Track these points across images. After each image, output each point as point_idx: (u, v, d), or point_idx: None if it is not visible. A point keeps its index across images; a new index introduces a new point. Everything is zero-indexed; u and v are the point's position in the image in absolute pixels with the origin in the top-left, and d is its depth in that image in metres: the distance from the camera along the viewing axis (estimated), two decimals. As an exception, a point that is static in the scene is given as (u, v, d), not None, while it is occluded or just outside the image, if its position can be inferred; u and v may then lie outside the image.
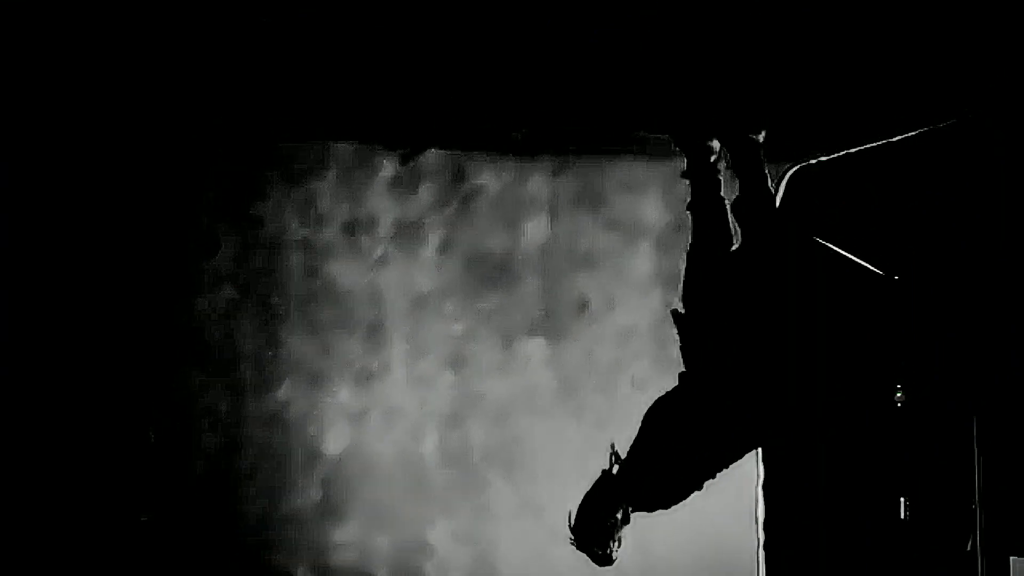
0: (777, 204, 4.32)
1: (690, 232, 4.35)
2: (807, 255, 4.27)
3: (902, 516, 4.42)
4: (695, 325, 4.17)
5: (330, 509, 5.78)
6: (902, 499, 4.40)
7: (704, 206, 4.27)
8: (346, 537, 5.79)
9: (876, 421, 4.59)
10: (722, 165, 4.36)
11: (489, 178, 5.89)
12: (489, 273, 5.89)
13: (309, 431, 5.79)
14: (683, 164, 4.43)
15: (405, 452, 5.79)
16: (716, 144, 4.27)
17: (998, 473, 4.28)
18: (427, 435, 5.81)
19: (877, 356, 4.60)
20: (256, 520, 5.76)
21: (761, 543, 5.50)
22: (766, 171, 4.35)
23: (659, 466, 4.11)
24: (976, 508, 4.36)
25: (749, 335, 4.12)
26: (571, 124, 5.60)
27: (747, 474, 5.44)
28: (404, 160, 5.85)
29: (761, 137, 4.23)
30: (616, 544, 4.18)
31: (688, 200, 4.34)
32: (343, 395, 5.84)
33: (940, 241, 4.64)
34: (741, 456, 4.13)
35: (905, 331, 4.41)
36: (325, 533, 5.79)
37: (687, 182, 4.36)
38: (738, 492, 5.38)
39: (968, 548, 4.52)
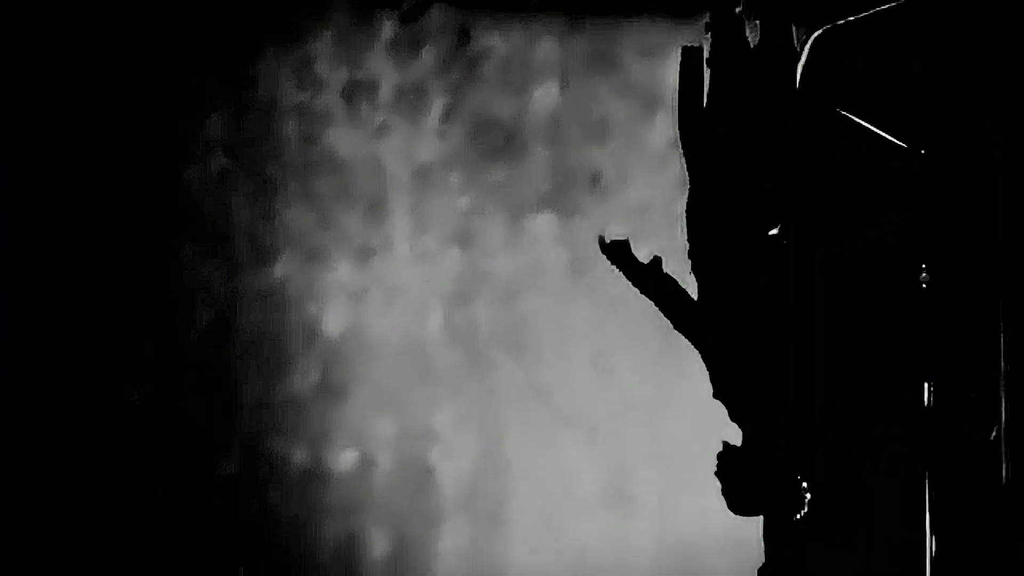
0: (800, 71, 4.33)
1: (706, 91, 4.31)
2: (830, 127, 4.28)
3: (926, 403, 4.48)
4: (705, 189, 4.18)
5: (330, 392, 5.86)
6: (926, 385, 4.46)
7: (727, 59, 4.22)
8: (346, 421, 5.86)
9: (900, 302, 4.63)
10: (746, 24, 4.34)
11: (496, 40, 5.88)
12: (496, 143, 5.91)
13: (307, 310, 5.86)
14: (706, 18, 4.37)
15: (408, 333, 5.85)
16: None
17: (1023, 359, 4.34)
18: (431, 315, 5.86)
19: (900, 234, 4.63)
20: (252, 403, 5.86)
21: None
22: (792, 31, 4.33)
23: None
24: (1002, 395, 4.43)
25: (767, 201, 4.13)
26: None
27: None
28: (405, 19, 5.84)
29: None
30: None
31: (708, 55, 4.29)
32: (343, 272, 5.91)
33: (971, 114, 4.64)
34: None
35: (930, 208, 4.44)
36: (325, 417, 5.86)
37: (709, 36, 4.30)
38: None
39: (992, 437, 4.59)
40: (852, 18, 4.51)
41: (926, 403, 4.46)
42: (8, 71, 5.65)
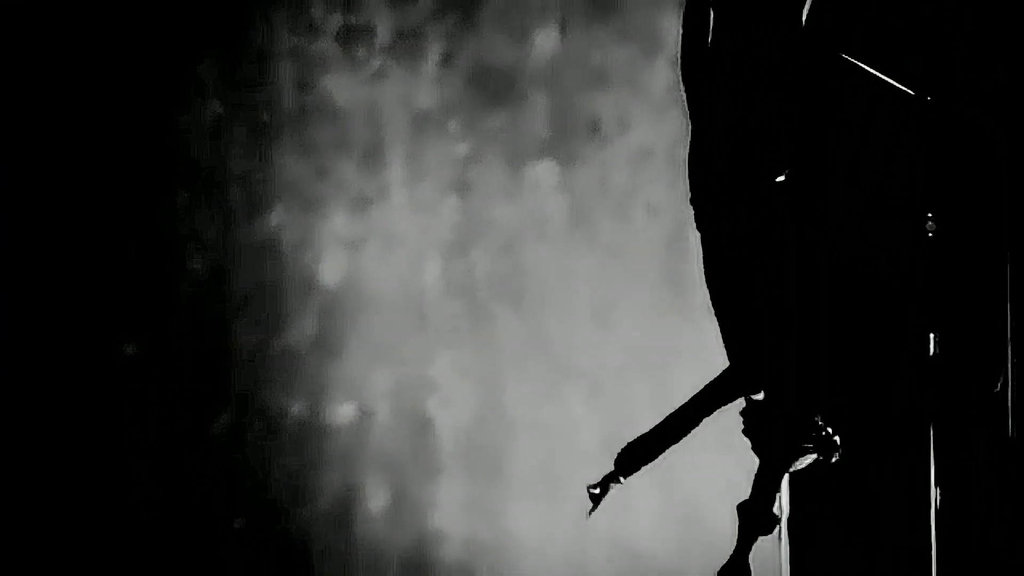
0: (806, 12, 4.27)
1: (710, 32, 4.25)
2: (836, 70, 4.23)
3: (931, 352, 4.46)
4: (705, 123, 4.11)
5: (327, 343, 5.81)
6: (931, 335, 4.44)
7: None
8: (344, 373, 5.82)
9: (906, 252, 4.61)
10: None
11: (495, -16, 5.82)
12: (495, 89, 5.84)
13: (303, 260, 5.82)
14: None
15: (406, 283, 5.80)
16: None
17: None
18: (429, 265, 5.81)
19: (907, 182, 4.60)
20: (247, 355, 5.83)
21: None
22: None
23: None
24: (1008, 347, 4.41)
25: (773, 146, 4.07)
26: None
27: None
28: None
29: None
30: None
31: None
32: (339, 221, 5.87)
33: (977, 59, 4.60)
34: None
35: (937, 155, 4.40)
36: (321, 369, 5.82)
37: None
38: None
39: (998, 388, 4.57)
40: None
41: (931, 353, 4.44)
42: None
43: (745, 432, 4.08)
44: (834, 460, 4.09)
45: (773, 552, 5.29)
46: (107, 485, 5.73)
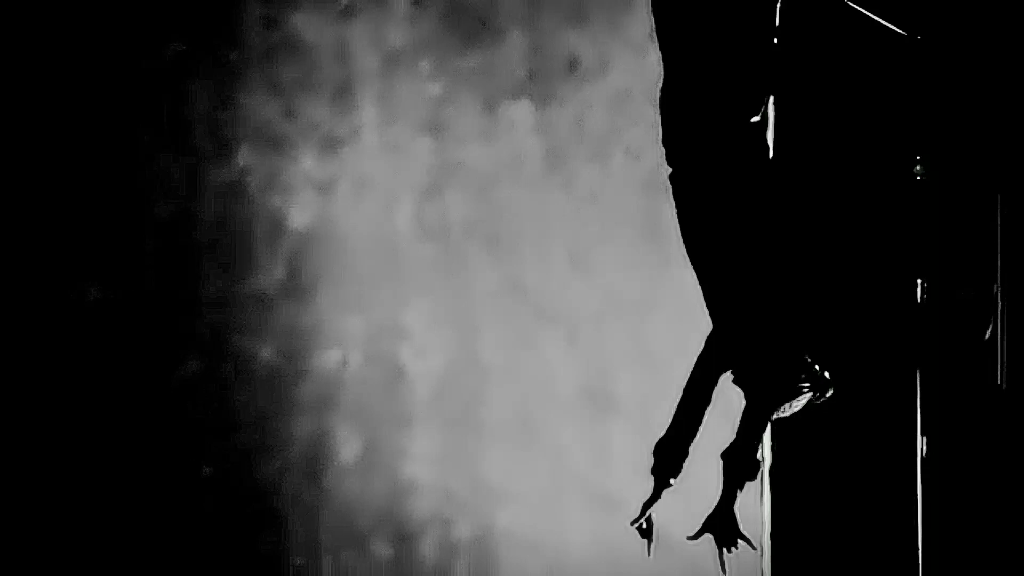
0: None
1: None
2: (819, 6, 4.16)
3: (918, 299, 4.42)
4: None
5: (296, 288, 5.78)
6: (919, 281, 4.39)
7: None
8: (314, 319, 5.79)
9: (895, 195, 4.55)
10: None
11: (469, -82, 5.75)
12: (469, 27, 5.77)
13: (271, 203, 5.77)
14: None
15: (378, 226, 5.76)
16: None
17: (1021, 256, 4.25)
18: (402, 208, 5.76)
19: (894, 124, 4.53)
20: (215, 300, 5.78)
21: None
22: None
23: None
24: (997, 293, 4.36)
25: (749, 86, 4.00)
26: None
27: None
28: None
29: None
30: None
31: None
32: (308, 163, 5.80)
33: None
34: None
35: (926, 97, 4.33)
36: (291, 315, 5.78)
37: None
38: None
39: (987, 336, 4.53)
40: None
41: (918, 300, 4.40)
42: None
43: (736, 381, 4.03)
44: (827, 397, 4.02)
45: (755, 504, 5.29)
46: (71, 432, 5.66)
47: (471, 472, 5.73)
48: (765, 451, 5.48)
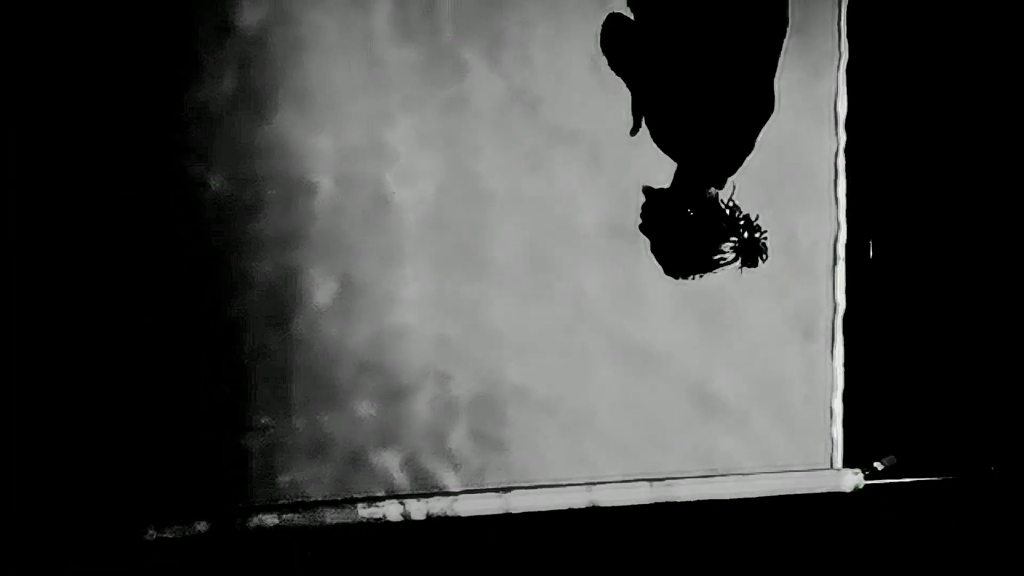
0: None
1: None
2: None
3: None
4: None
5: (250, 100, 5.33)
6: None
7: None
8: (273, 138, 5.37)
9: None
10: None
11: None
12: None
13: (218, -4, 5.28)
14: None
15: (350, 23, 5.33)
16: None
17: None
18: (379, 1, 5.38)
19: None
20: (154, 114, 5.24)
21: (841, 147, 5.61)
22: None
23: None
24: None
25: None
26: None
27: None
28: None
29: None
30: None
31: None
32: (267, -54, 5.34)
33: None
34: None
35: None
36: (245, 132, 5.35)
37: None
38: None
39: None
40: None
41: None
42: None
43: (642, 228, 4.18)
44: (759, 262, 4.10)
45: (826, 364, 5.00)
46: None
47: (471, 318, 5.54)
48: (839, 300, 5.42)
